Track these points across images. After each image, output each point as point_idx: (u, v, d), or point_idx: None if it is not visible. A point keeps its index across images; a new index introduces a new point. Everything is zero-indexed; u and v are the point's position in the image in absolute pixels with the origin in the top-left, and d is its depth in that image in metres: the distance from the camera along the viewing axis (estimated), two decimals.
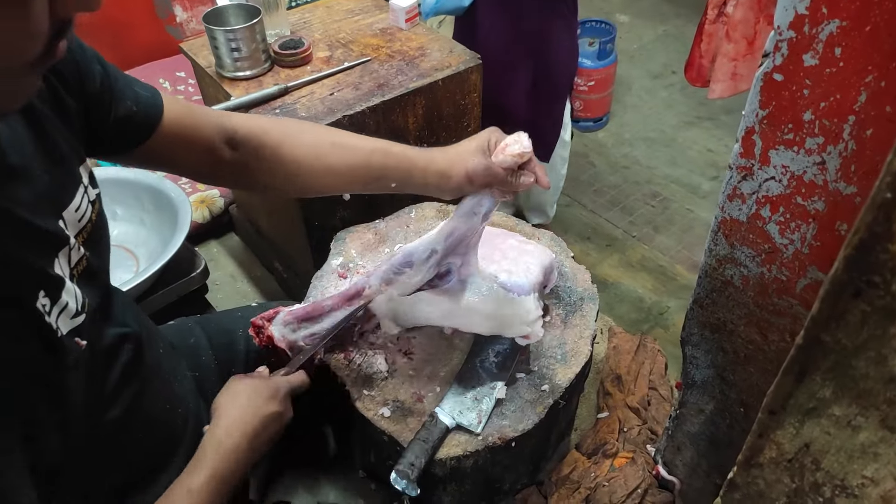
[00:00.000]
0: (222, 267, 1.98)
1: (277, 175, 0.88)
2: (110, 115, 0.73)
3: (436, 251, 0.98)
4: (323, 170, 0.87)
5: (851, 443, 0.53)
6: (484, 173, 0.85)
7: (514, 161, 0.86)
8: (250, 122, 0.87)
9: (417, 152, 0.89)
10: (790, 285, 0.77)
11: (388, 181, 0.89)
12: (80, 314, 0.64)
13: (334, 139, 0.89)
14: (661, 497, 1.17)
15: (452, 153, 0.88)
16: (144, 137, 0.77)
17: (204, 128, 0.82)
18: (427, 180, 0.88)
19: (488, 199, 0.92)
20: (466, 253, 1.02)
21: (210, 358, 1.10)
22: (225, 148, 0.85)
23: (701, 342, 0.95)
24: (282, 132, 0.87)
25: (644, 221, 2.30)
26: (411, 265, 1.00)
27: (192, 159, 0.83)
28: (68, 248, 0.64)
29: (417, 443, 0.99)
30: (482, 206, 0.93)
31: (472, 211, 0.94)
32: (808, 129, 0.68)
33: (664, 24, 3.45)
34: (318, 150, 0.87)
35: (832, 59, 0.63)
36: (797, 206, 0.72)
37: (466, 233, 0.97)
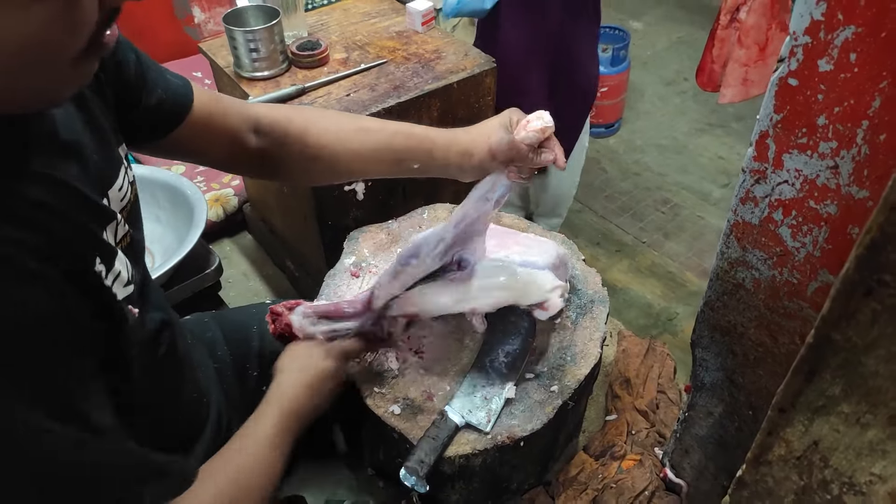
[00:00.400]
0: (235, 265, 2.00)
1: (302, 162, 0.89)
2: (141, 102, 0.75)
3: (444, 239, 0.97)
4: (347, 154, 0.89)
5: (860, 440, 0.54)
6: (507, 148, 0.86)
7: (536, 136, 0.86)
8: (274, 110, 0.88)
9: (439, 132, 0.90)
10: (801, 288, 0.78)
11: (410, 163, 0.90)
12: (129, 283, 0.65)
13: (358, 124, 0.90)
14: (668, 499, 1.17)
15: (475, 131, 0.89)
16: (174, 126, 0.79)
17: (231, 117, 0.84)
18: (449, 159, 0.89)
19: (502, 183, 0.92)
20: (474, 242, 1.01)
21: (225, 353, 1.12)
22: (251, 136, 0.86)
23: (711, 345, 0.96)
24: (305, 119, 0.89)
25: (654, 228, 2.30)
26: (417, 255, 1.00)
27: (219, 148, 0.85)
28: (115, 222, 0.65)
29: (427, 440, 1.00)
30: (495, 192, 0.93)
31: (485, 196, 0.93)
32: (821, 134, 0.69)
33: (678, 31, 3.46)
34: (341, 135, 0.88)
35: (847, 64, 0.63)
36: (810, 209, 0.73)
37: (477, 220, 0.96)
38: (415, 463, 0.97)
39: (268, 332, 1.18)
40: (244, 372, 1.13)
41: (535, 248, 1.12)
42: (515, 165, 0.90)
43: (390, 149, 0.89)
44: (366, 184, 1.46)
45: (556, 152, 0.89)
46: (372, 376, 1.10)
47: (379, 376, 1.10)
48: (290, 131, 0.87)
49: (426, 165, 0.90)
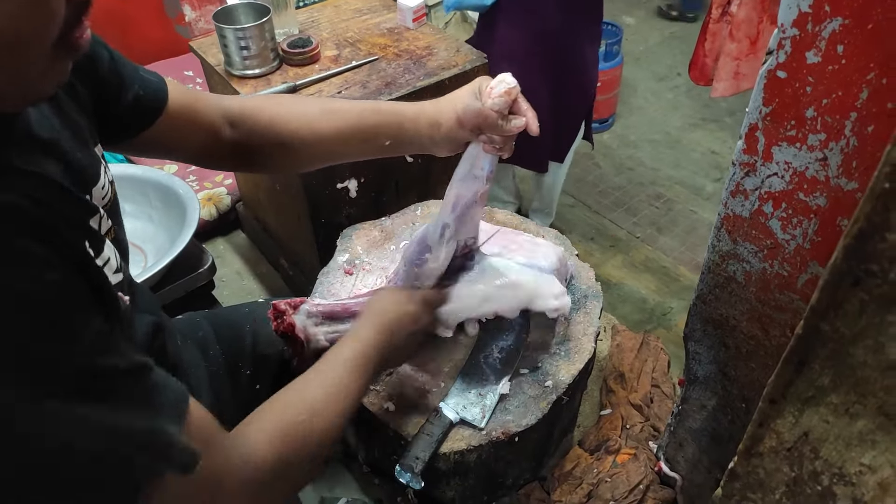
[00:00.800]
0: (229, 264, 2.00)
1: (275, 151, 0.89)
2: (119, 100, 0.74)
3: (447, 225, 0.97)
4: (317, 138, 0.88)
5: (849, 431, 0.54)
6: (475, 116, 0.84)
7: (503, 101, 0.84)
8: (246, 102, 0.88)
9: (407, 105, 0.90)
10: (791, 280, 0.78)
11: (381, 139, 0.89)
12: (118, 272, 0.65)
13: (324, 106, 0.90)
14: (663, 493, 1.18)
15: (443, 101, 0.88)
16: (151, 122, 0.78)
17: (206, 110, 0.83)
18: (419, 131, 0.88)
19: (485, 158, 0.90)
20: (475, 223, 1.01)
21: (217, 352, 1.12)
22: (226, 129, 0.86)
23: (703, 338, 0.96)
24: (275, 107, 0.88)
25: (648, 222, 2.30)
26: (429, 249, 1.00)
27: (195, 143, 0.84)
28: (99, 216, 0.65)
29: (422, 437, 1.00)
30: (482, 169, 0.92)
31: (472, 174, 0.93)
32: (810, 126, 0.69)
33: (670, 26, 3.46)
34: (308, 119, 0.88)
35: (835, 56, 0.64)
36: (799, 201, 0.73)
37: (472, 200, 0.96)
38: (410, 460, 0.97)
39: (261, 331, 1.18)
40: (237, 371, 1.13)
41: (539, 252, 1.12)
42: (487, 134, 0.88)
43: (359, 127, 0.88)
44: (358, 181, 1.46)
45: (527, 117, 0.86)
46: None
47: None
48: (260, 121, 0.87)
49: (397, 140, 0.89)
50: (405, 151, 0.93)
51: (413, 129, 0.88)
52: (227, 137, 0.86)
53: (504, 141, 0.88)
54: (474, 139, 0.89)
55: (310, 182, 1.39)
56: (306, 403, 0.72)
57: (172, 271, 1.40)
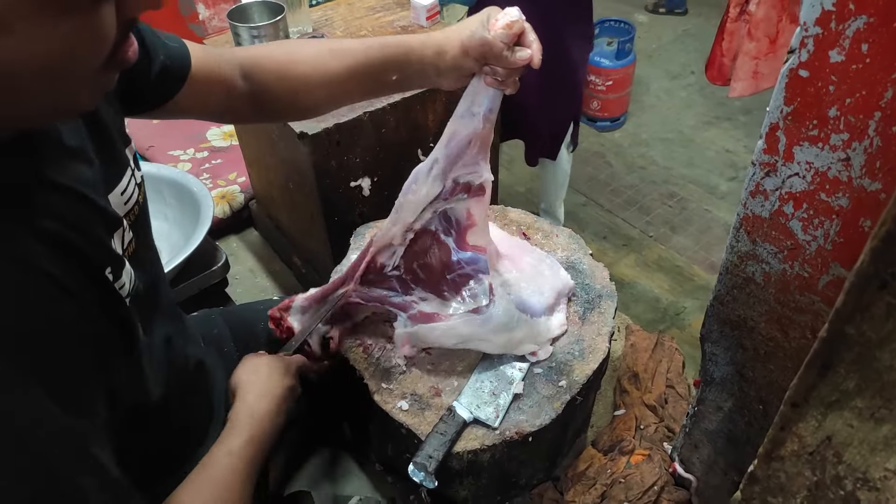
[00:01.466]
0: (242, 261, 2.01)
1: (287, 97, 0.88)
2: (147, 74, 0.74)
3: (437, 160, 0.95)
4: (326, 79, 0.88)
5: (874, 435, 0.53)
6: (479, 44, 0.83)
7: (505, 33, 0.82)
8: (255, 51, 0.88)
9: (413, 36, 0.88)
10: (812, 282, 0.77)
11: (388, 73, 0.88)
12: (129, 296, 0.65)
13: (331, 46, 0.89)
14: (677, 494, 1.17)
15: (450, 29, 0.87)
16: (175, 91, 0.78)
17: (222, 67, 0.83)
18: (424, 59, 0.86)
19: (485, 94, 0.88)
20: (478, 163, 0.97)
21: (232, 349, 1.12)
22: (240, 82, 0.86)
23: (721, 339, 0.95)
24: (283, 53, 0.88)
25: (661, 221, 2.29)
26: (416, 180, 0.98)
27: (216, 100, 0.84)
28: (122, 229, 0.65)
29: (435, 436, 1.00)
30: (480, 105, 0.89)
31: (471, 111, 0.90)
32: (833, 126, 0.68)
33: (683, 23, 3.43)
34: (317, 61, 0.87)
35: (859, 55, 0.63)
36: (821, 202, 0.72)
37: (466, 139, 0.93)
38: (423, 458, 0.97)
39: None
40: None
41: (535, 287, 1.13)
42: (491, 66, 0.85)
43: (367, 63, 0.87)
44: (371, 180, 1.46)
45: (532, 49, 0.83)
46: (380, 372, 1.10)
47: (387, 372, 1.10)
48: (271, 69, 0.86)
49: (404, 72, 0.88)
50: (412, 85, 0.92)
51: (418, 58, 0.86)
52: (242, 90, 0.86)
53: (508, 74, 0.86)
54: (478, 70, 0.87)
55: (323, 180, 1.40)
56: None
57: (186, 269, 1.41)
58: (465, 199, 1.02)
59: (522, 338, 1.07)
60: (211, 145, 2.22)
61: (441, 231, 1.08)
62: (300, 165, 1.43)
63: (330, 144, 1.35)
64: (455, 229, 1.08)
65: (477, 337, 1.05)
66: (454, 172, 0.98)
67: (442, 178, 0.97)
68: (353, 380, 1.11)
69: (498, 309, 1.03)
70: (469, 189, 1.01)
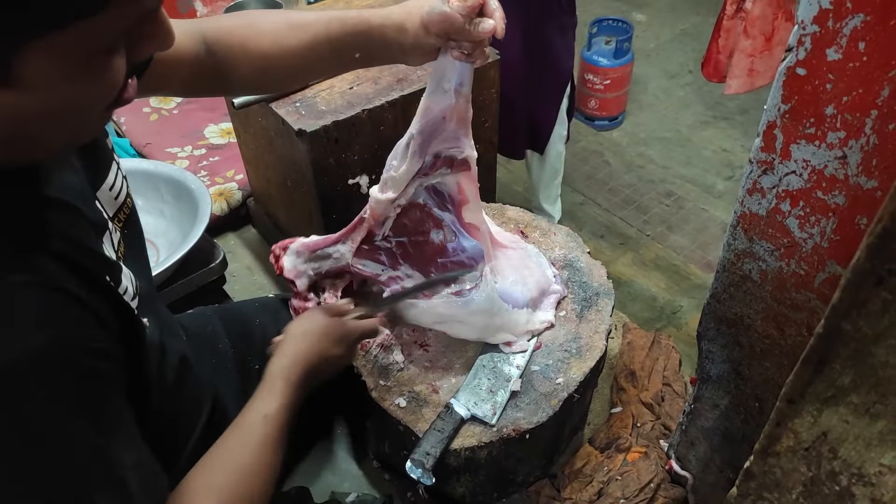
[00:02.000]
0: (239, 259, 2.00)
1: (249, 72, 0.86)
2: None
3: (413, 135, 0.94)
4: (287, 56, 0.85)
5: (869, 431, 0.54)
6: (440, 20, 0.80)
7: (463, 5, 0.79)
8: (216, 23, 0.86)
9: (373, 11, 0.86)
10: (808, 279, 0.77)
11: (351, 51, 0.85)
12: (135, 297, 0.66)
13: (290, 20, 0.87)
14: (673, 492, 1.17)
15: (410, 4, 0.84)
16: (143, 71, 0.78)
17: (188, 43, 0.81)
18: (386, 38, 0.84)
19: (453, 69, 0.86)
20: (458, 138, 0.96)
21: (226, 345, 1.12)
22: (203, 56, 0.83)
23: (717, 336, 0.95)
24: (244, 28, 0.86)
25: (658, 220, 2.29)
26: (396, 156, 0.97)
27: (179, 76, 0.82)
28: (109, 232, 0.66)
29: (433, 433, 1.00)
30: (449, 81, 0.87)
31: (441, 87, 0.88)
32: (829, 124, 0.68)
33: (682, 23, 3.44)
34: (277, 37, 0.85)
35: (856, 53, 0.63)
36: (817, 200, 0.72)
37: (443, 112, 0.92)
38: (420, 455, 0.97)
39: (270, 326, 1.19)
40: (246, 365, 1.13)
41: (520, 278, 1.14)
42: (454, 40, 0.82)
43: (328, 40, 0.84)
44: (370, 177, 1.46)
45: (494, 19, 0.80)
46: (377, 369, 1.10)
47: (384, 369, 1.10)
48: (232, 44, 0.84)
49: (366, 51, 0.85)
50: (378, 63, 0.89)
51: (380, 37, 0.84)
52: (207, 64, 0.84)
53: (473, 47, 0.83)
54: (444, 45, 0.83)
55: (321, 178, 1.39)
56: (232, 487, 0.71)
57: (184, 266, 1.41)
58: (448, 173, 1.01)
59: (500, 325, 1.08)
60: (208, 143, 2.22)
61: (434, 206, 1.07)
62: (298, 163, 1.43)
63: (328, 142, 1.35)
64: (451, 204, 1.07)
65: (455, 319, 1.05)
66: (433, 147, 0.96)
67: (420, 153, 0.96)
68: (350, 377, 1.11)
69: (481, 294, 1.03)
70: (452, 163, 0.99)
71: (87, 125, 0.54)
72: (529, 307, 1.14)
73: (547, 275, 1.20)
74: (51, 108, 0.48)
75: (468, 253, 1.11)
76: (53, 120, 0.49)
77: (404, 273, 1.09)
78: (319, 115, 1.34)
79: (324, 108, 1.36)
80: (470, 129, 0.96)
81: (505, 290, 1.09)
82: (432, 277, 1.09)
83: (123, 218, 0.70)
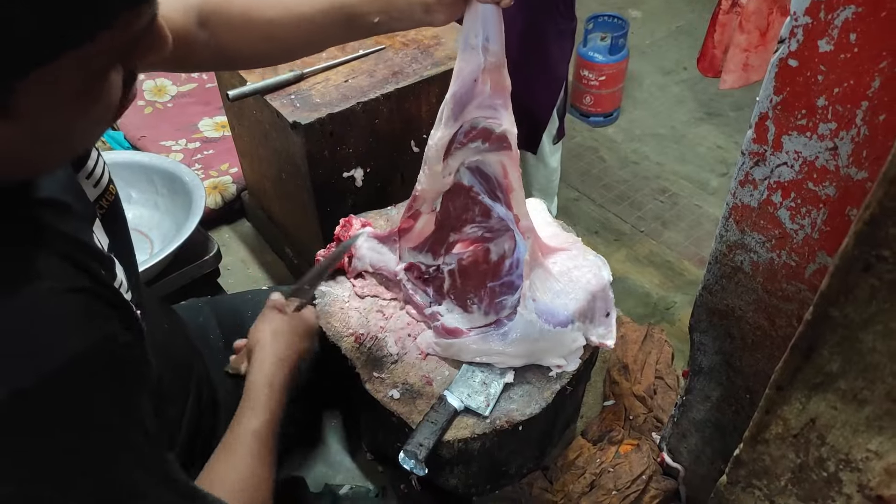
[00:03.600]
0: (234, 252, 2.00)
1: (256, 44, 0.82)
2: None
3: (447, 100, 0.91)
4: (297, 22, 0.80)
5: (857, 417, 0.54)
6: None
7: None
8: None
9: None
10: (799, 271, 0.78)
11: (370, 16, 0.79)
12: (129, 290, 0.66)
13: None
14: (665, 484, 1.18)
15: None
16: None
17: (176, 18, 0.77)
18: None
19: (480, 21, 0.82)
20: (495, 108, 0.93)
21: (218, 337, 1.12)
22: (197, 32, 0.80)
23: (709, 328, 0.96)
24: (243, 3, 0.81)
25: (652, 217, 2.30)
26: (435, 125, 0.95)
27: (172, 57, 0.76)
28: (97, 220, 0.65)
29: (426, 424, 1.00)
30: (476, 36, 0.84)
31: (469, 44, 0.85)
32: (821, 115, 0.69)
33: (677, 19, 3.44)
34: (286, 4, 0.80)
35: (847, 44, 0.63)
36: (808, 191, 0.73)
37: (474, 74, 0.88)
38: (414, 447, 0.97)
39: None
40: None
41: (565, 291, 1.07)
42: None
43: (344, 4, 0.79)
44: (364, 170, 1.45)
45: None
46: (371, 361, 1.10)
47: (378, 361, 1.10)
48: (232, 15, 0.79)
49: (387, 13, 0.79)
50: (397, 27, 0.82)
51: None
52: (200, 40, 0.79)
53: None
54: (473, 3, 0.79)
55: (316, 171, 1.39)
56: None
57: (178, 259, 1.40)
58: (487, 149, 0.97)
59: (547, 349, 1.03)
60: (203, 136, 2.21)
61: (482, 193, 1.03)
62: (293, 156, 1.43)
63: (323, 135, 1.34)
64: (500, 191, 1.02)
65: (495, 352, 1.04)
66: (468, 114, 0.93)
67: (453, 118, 0.92)
68: (344, 369, 1.11)
69: (518, 324, 1.01)
70: (489, 137, 0.95)
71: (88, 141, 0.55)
72: (577, 321, 1.06)
73: (601, 276, 1.11)
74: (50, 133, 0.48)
75: (520, 271, 1.06)
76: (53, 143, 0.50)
77: (445, 308, 1.10)
78: (314, 108, 1.34)
79: (319, 101, 1.36)
80: (510, 102, 0.92)
81: (546, 308, 1.03)
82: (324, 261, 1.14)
83: (106, 205, 0.69)
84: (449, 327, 1.07)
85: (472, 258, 1.09)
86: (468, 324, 1.07)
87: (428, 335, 1.11)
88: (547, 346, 1.04)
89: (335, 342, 1.12)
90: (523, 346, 1.03)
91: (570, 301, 1.06)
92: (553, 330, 1.02)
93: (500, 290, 1.08)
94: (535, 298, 1.03)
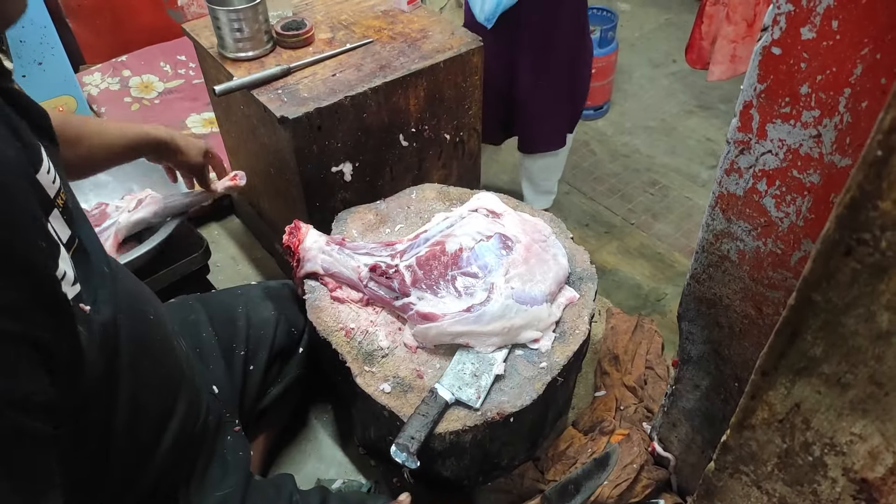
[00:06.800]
0: (223, 249, 1.99)
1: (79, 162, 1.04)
2: None
3: None
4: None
5: (840, 400, 0.55)
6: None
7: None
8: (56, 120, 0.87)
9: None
10: (785, 258, 0.78)
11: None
12: (76, 283, 0.65)
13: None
14: (656, 473, 1.19)
15: None
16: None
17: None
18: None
19: None
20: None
21: (210, 334, 1.12)
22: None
23: (697, 317, 0.96)
24: (80, 124, 1.06)
25: (643, 209, 2.31)
26: None
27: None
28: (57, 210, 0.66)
29: (417, 417, 1.00)
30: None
31: None
32: (804, 103, 0.69)
33: (666, 12, 3.45)
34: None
35: (829, 31, 0.64)
36: (793, 179, 0.73)
37: None
38: (405, 440, 0.98)
39: (254, 313, 1.19)
40: (231, 352, 1.13)
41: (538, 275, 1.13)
42: None
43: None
44: (353, 165, 1.45)
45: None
46: (362, 355, 1.10)
47: (369, 355, 1.10)
48: (68, 138, 0.98)
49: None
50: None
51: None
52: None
53: None
54: None
55: (304, 166, 1.39)
56: None
57: (167, 255, 1.39)
58: None
59: (523, 325, 1.08)
60: (191, 132, 2.20)
61: None
62: (281, 151, 1.42)
63: (311, 129, 1.34)
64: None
65: (472, 333, 1.06)
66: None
67: None
68: (335, 363, 1.11)
69: (493, 306, 1.05)
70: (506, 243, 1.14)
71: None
72: (549, 301, 1.13)
73: (561, 264, 1.18)
74: None
75: (480, 262, 1.12)
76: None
77: (416, 296, 1.11)
78: (302, 102, 1.33)
79: (306, 96, 1.35)
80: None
81: (522, 294, 1.09)
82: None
83: (61, 204, 0.69)
84: (424, 312, 1.08)
85: (430, 253, 1.13)
86: (443, 309, 1.08)
87: (408, 332, 1.13)
88: (524, 322, 1.08)
89: (325, 337, 1.12)
90: (500, 325, 1.06)
91: (543, 286, 1.12)
92: (529, 308, 1.09)
93: (463, 279, 1.11)
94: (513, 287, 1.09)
